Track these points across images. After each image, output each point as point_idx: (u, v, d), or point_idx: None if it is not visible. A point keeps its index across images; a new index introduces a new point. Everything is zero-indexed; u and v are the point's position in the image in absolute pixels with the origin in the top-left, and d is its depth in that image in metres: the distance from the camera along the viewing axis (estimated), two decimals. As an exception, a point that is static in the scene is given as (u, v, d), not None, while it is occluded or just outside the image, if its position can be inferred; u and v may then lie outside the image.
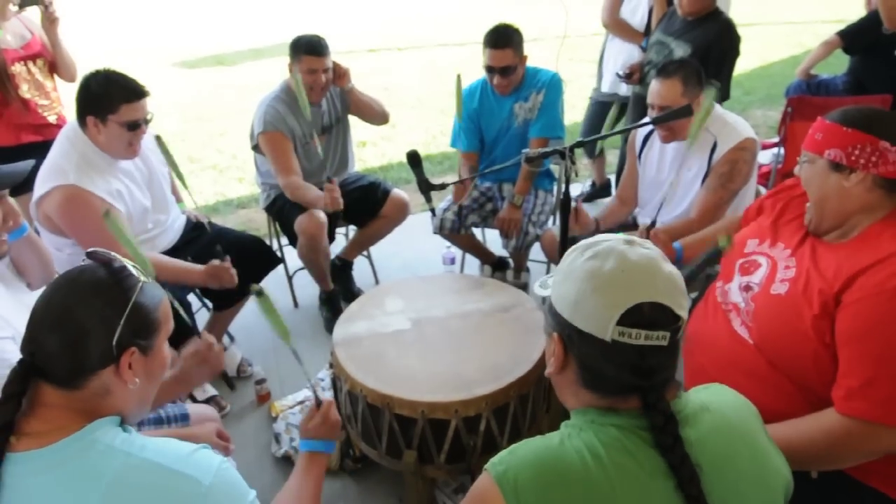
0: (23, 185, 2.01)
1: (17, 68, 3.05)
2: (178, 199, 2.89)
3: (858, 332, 1.34)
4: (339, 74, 3.13)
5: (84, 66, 2.33)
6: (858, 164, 1.43)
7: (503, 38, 2.91)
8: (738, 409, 1.08)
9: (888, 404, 1.30)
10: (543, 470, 0.95)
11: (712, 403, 1.05)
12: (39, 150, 2.43)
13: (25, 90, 3.09)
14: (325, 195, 2.79)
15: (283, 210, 3.13)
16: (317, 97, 3.04)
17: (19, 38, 3.08)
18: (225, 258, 2.42)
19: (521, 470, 0.95)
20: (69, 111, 3.28)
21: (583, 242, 1.08)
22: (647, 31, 3.68)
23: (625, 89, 3.85)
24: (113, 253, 1.17)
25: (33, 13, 3.13)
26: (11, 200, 1.78)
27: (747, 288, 1.62)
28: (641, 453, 0.95)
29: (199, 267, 2.42)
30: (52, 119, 3.21)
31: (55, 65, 3.22)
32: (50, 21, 3.10)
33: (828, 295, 1.40)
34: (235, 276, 2.42)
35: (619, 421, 0.99)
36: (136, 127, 2.30)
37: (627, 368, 0.98)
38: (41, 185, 2.25)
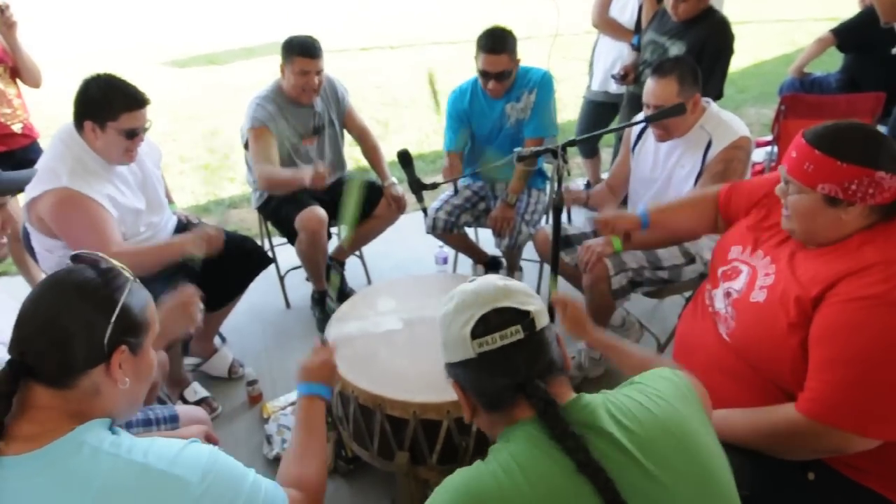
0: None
1: None
2: (170, 201, 2.86)
3: (824, 335, 1.35)
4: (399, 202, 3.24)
5: (74, 66, 2.30)
6: (856, 198, 1.37)
7: (500, 43, 2.85)
8: (667, 396, 1.09)
9: (841, 409, 1.32)
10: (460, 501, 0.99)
11: (620, 400, 1.07)
12: (3, 161, 2.35)
13: None
14: (312, 168, 2.79)
15: (280, 208, 3.08)
16: (308, 98, 3.01)
17: None
18: (198, 222, 2.42)
19: None
20: (36, 119, 3.24)
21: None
22: (637, 28, 3.68)
23: (615, 87, 3.85)
24: (99, 254, 1.18)
25: None
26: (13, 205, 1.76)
27: (728, 294, 1.62)
28: (549, 457, 0.99)
29: (179, 238, 2.39)
30: (16, 128, 3.11)
31: (17, 71, 3.11)
32: (7, 26, 2.96)
33: (805, 301, 1.39)
34: (223, 235, 2.42)
35: (524, 432, 1.04)
36: (134, 135, 2.28)
37: (501, 373, 1.07)
38: (33, 188, 2.21)
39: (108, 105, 2.21)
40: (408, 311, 2.33)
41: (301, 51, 2.89)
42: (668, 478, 0.98)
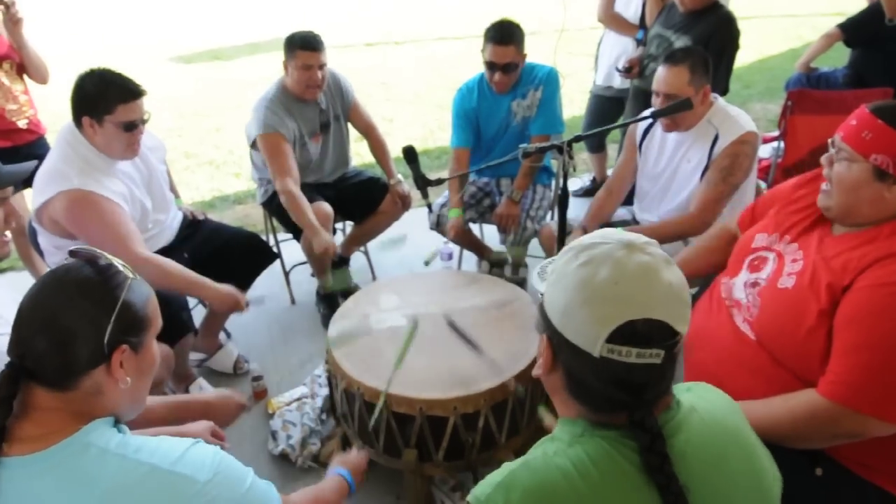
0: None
1: None
2: (176, 195, 2.86)
3: (850, 320, 1.34)
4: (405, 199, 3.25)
5: (80, 61, 2.29)
6: None
7: (507, 35, 2.85)
8: (725, 407, 1.06)
9: (863, 392, 1.31)
10: (531, 501, 0.91)
11: (699, 405, 1.03)
12: (9, 157, 2.35)
13: None
14: (325, 239, 2.81)
15: None
16: (312, 94, 3.00)
17: None
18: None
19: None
20: (43, 115, 3.24)
21: (579, 242, 1.01)
22: (642, 23, 3.67)
23: (619, 81, 3.85)
24: (97, 250, 1.16)
25: None
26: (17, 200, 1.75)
27: (754, 284, 1.60)
28: (631, 465, 0.92)
29: (210, 283, 2.32)
30: (22, 124, 3.11)
31: (24, 67, 3.11)
32: (13, 22, 2.94)
33: (836, 289, 1.38)
34: (248, 304, 2.42)
35: (608, 433, 0.95)
36: (133, 127, 2.26)
37: (613, 384, 0.93)
38: (43, 191, 2.19)
39: (102, 99, 2.20)
40: (412, 307, 2.33)
41: (303, 44, 2.88)
42: (733, 495, 0.97)
